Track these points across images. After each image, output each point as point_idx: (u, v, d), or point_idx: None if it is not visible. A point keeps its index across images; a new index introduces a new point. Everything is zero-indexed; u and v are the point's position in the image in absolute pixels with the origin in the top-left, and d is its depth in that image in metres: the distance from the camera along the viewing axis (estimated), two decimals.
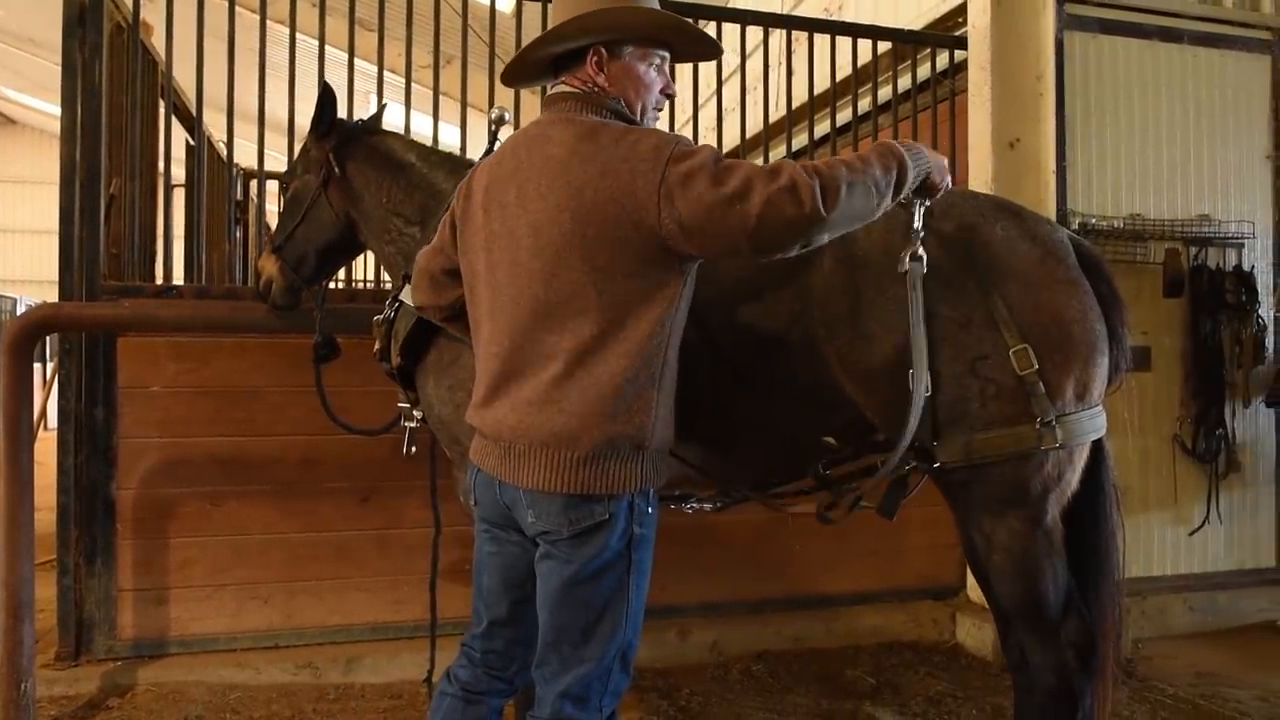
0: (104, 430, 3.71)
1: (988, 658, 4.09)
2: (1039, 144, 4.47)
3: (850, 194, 1.78)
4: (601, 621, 1.88)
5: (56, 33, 3.78)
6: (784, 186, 1.74)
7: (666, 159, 1.79)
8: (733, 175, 1.76)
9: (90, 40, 3.73)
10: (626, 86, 2.01)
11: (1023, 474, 2.18)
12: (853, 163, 1.81)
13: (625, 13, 1.97)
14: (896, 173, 1.86)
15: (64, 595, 3.68)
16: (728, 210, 1.74)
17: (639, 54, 2.01)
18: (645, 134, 1.87)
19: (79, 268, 3.68)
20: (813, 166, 1.78)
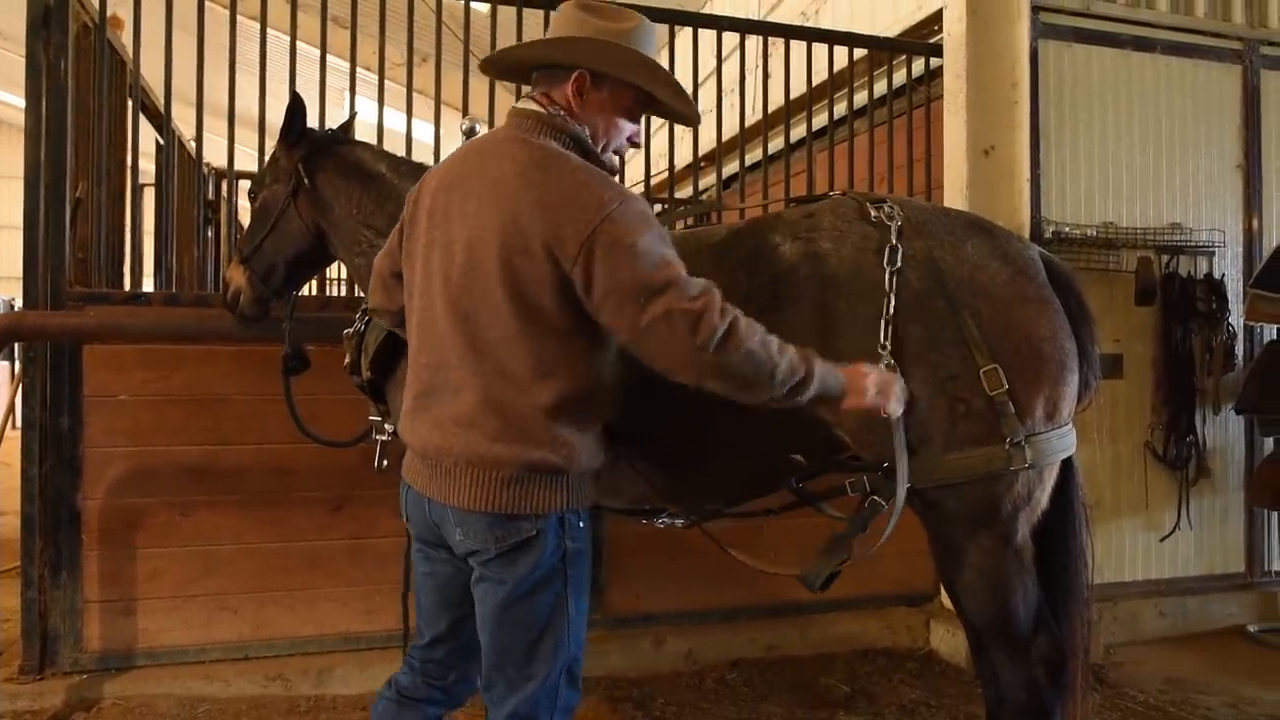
0: (69, 439, 3.65)
1: (961, 665, 4.11)
2: (1013, 152, 4.48)
3: (746, 358, 1.77)
4: (543, 639, 1.89)
5: (19, 24, 3.71)
6: (690, 310, 1.74)
7: (604, 216, 1.77)
8: (655, 271, 1.75)
9: (55, 41, 3.66)
10: (599, 120, 2.00)
11: (993, 493, 2.19)
12: (770, 341, 1.82)
13: (627, 54, 1.96)
14: (799, 378, 1.83)
15: (28, 607, 3.61)
16: (626, 302, 1.75)
17: (622, 94, 2.00)
18: (596, 180, 1.84)
19: (44, 273, 3.62)
20: (735, 315, 1.78)
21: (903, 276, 2.19)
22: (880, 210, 2.28)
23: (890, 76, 4.85)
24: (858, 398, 1.92)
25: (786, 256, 2.29)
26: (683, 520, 2.53)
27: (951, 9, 4.55)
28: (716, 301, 1.77)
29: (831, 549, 2.19)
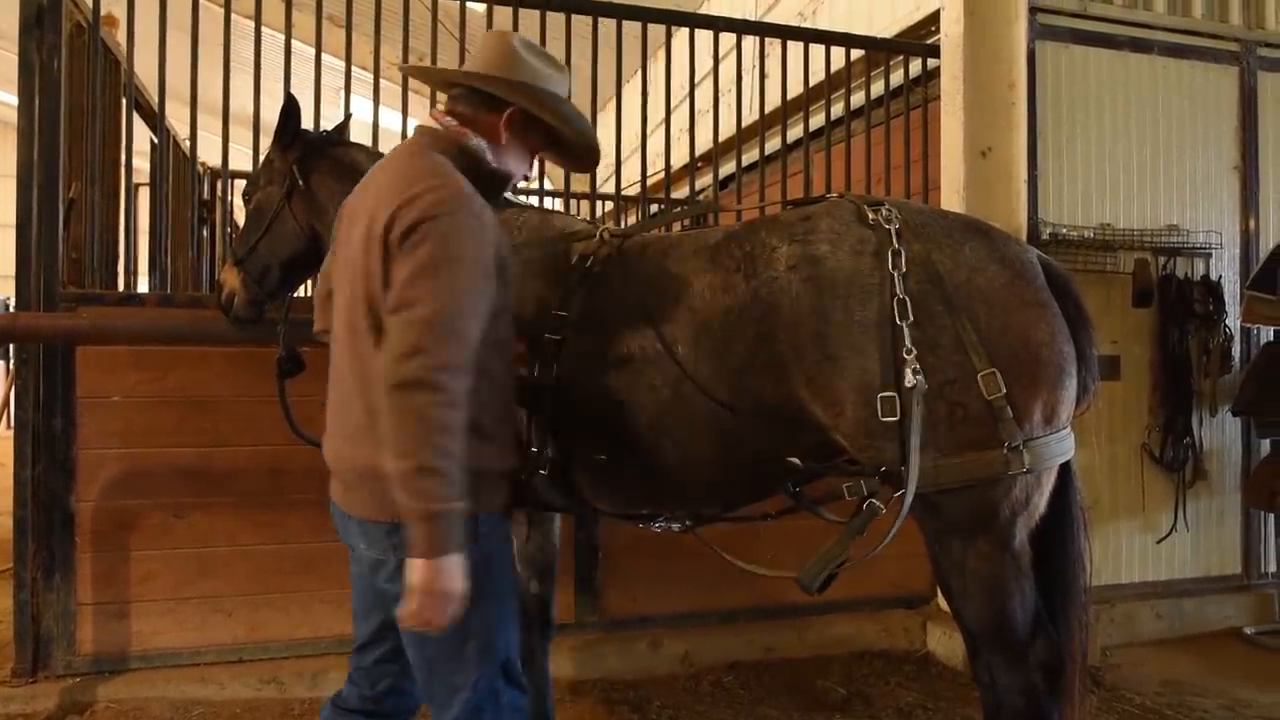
0: (62, 441, 3.63)
1: (958, 667, 4.10)
2: (1010, 153, 4.47)
3: (428, 421, 1.72)
4: (467, 645, 1.90)
5: (7, 20, 3.69)
6: (443, 332, 1.77)
7: (424, 214, 1.81)
8: (439, 294, 1.78)
9: (49, 40, 3.64)
10: (514, 154, 2.12)
11: (991, 498, 2.18)
12: (441, 443, 1.73)
13: (561, 104, 2.13)
14: (436, 480, 1.72)
15: (21, 610, 3.59)
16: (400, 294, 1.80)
17: (535, 138, 2.16)
18: (435, 175, 1.89)
19: (37, 274, 3.60)
20: (444, 392, 1.74)
21: (900, 280, 2.17)
22: (878, 213, 2.26)
23: (888, 77, 4.85)
24: (430, 572, 1.73)
25: (783, 259, 2.28)
26: (679, 525, 2.52)
27: (949, 10, 4.54)
28: (437, 366, 1.74)
29: (829, 552, 2.18)
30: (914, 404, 2.11)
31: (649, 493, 2.51)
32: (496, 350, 1.97)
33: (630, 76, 5.14)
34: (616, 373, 2.40)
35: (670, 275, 2.41)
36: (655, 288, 2.40)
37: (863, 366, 2.17)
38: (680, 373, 2.31)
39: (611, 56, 4.24)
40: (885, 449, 2.17)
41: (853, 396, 2.19)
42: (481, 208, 1.91)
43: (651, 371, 2.35)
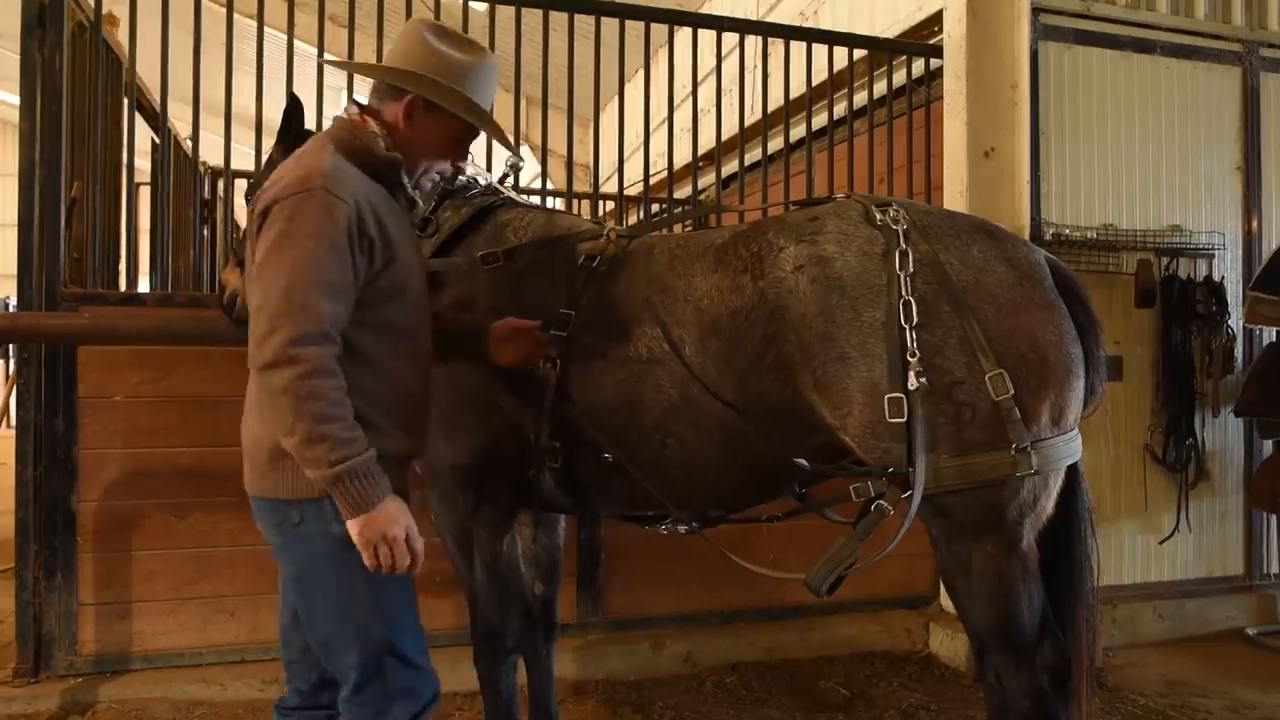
0: (64, 441, 3.62)
1: (960, 668, 4.10)
2: (1014, 154, 4.47)
3: (294, 395, 1.77)
4: (343, 626, 1.97)
5: (7, 20, 3.68)
6: (278, 311, 1.80)
7: (276, 196, 1.89)
8: (276, 276, 1.83)
9: (51, 40, 3.63)
10: (421, 142, 2.11)
11: (998, 500, 2.17)
12: (324, 413, 1.78)
13: (456, 96, 2.08)
14: (321, 454, 1.77)
15: (23, 610, 3.58)
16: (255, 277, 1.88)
17: (453, 124, 2.12)
18: (301, 162, 1.96)
19: (38, 274, 3.59)
20: (301, 364, 1.78)
21: (908, 280, 2.17)
22: (885, 213, 2.26)
23: (890, 77, 4.84)
24: (362, 527, 1.82)
25: (791, 259, 2.27)
26: (686, 526, 2.51)
27: (952, 10, 4.53)
28: (302, 341, 1.79)
29: (837, 554, 2.17)
30: (919, 405, 2.11)
31: (654, 494, 2.50)
32: (382, 335, 2.00)
33: (632, 76, 5.14)
34: (622, 373, 2.40)
35: (677, 275, 2.41)
36: (662, 288, 2.40)
37: (871, 367, 2.17)
38: (687, 373, 2.30)
39: (613, 56, 4.23)
40: (893, 450, 2.16)
41: (860, 398, 2.18)
42: (345, 189, 1.91)
43: (658, 372, 2.35)
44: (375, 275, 1.96)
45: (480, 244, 2.62)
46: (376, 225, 1.96)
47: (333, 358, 1.82)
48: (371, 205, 1.97)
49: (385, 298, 1.99)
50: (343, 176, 1.95)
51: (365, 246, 1.93)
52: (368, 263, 1.94)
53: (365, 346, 1.96)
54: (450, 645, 3.92)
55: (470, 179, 2.78)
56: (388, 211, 2.04)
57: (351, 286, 1.90)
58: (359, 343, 1.94)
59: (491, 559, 2.60)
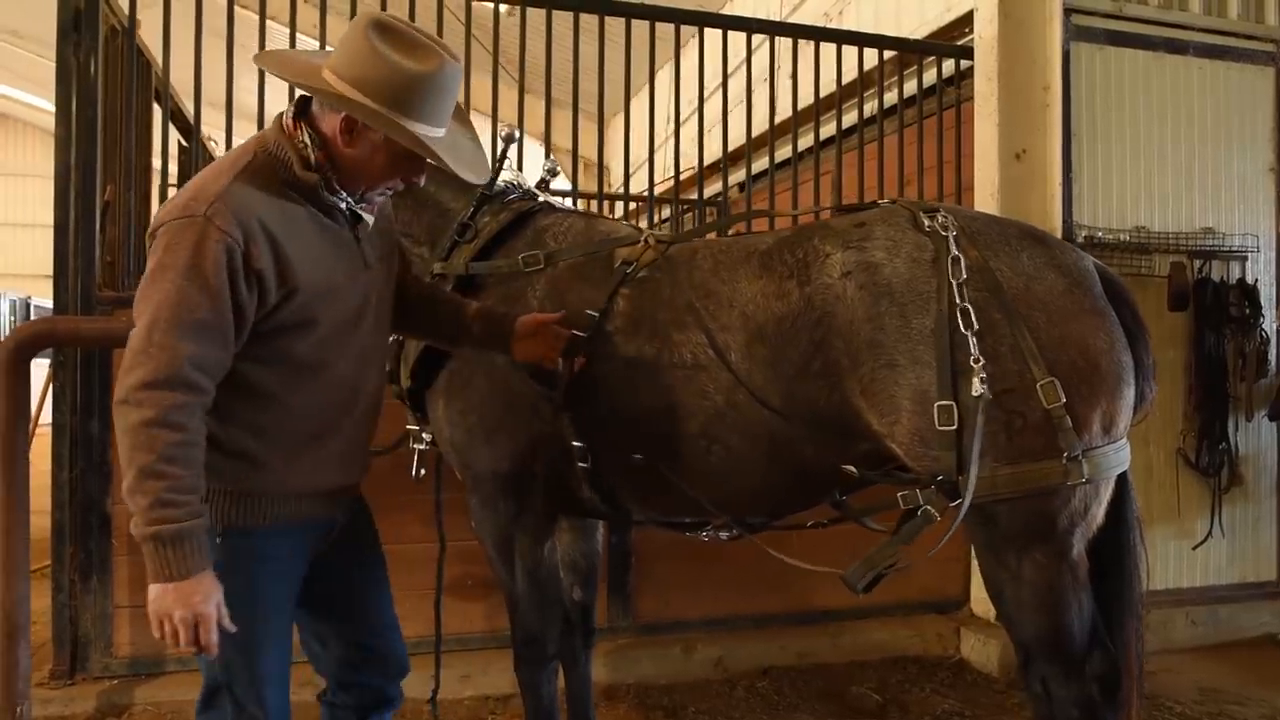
0: (99, 444, 3.63)
1: (993, 673, 4.07)
2: (1045, 155, 4.44)
3: (129, 441, 1.69)
4: (219, 661, 1.90)
5: (38, 24, 3.71)
6: (137, 350, 1.71)
7: (162, 219, 1.78)
8: (141, 310, 1.73)
9: (85, 44, 3.64)
10: (362, 159, 1.90)
11: (1049, 508, 2.15)
12: (151, 468, 1.67)
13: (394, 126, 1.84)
14: (145, 502, 1.68)
15: (59, 613, 3.60)
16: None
17: (393, 142, 1.87)
18: (194, 186, 1.82)
19: (74, 277, 3.60)
20: (143, 409, 1.67)
21: (959, 287, 2.15)
22: (934, 219, 2.24)
23: (920, 77, 4.82)
24: (155, 596, 1.70)
25: (838, 266, 2.26)
26: (727, 533, 2.51)
27: (982, 11, 4.51)
28: (157, 378, 1.68)
29: (877, 555, 2.16)
30: (978, 413, 2.09)
31: (695, 500, 2.49)
32: (282, 369, 1.89)
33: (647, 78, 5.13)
34: (664, 379, 2.39)
35: (721, 281, 2.40)
36: (705, 293, 2.39)
37: (920, 375, 2.15)
38: (733, 380, 2.29)
39: (637, 56, 4.22)
40: (942, 458, 2.14)
41: (909, 405, 2.17)
42: (231, 218, 1.75)
43: (702, 378, 2.34)
44: (272, 309, 1.83)
45: (519, 249, 2.61)
46: (272, 257, 1.80)
47: (187, 407, 1.69)
48: (269, 234, 1.80)
49: (284, 331, 1.87)
50: (235, 201, 1.78)
51: (253, 282, 1.78)
52: (257, 298, 1.80)
53: (261, 381, 1.87)
54: (482, 648, 3.96)
55: (508, 184, 2.77)
56: (299, 236, 1.86)
57: (228, 325, 1.75)
58: (254, 378, 1.86)
59: (533, 566, 2.60)
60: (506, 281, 2.57)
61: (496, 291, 2.58)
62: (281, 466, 1.93)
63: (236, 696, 1.95)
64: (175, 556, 1.67)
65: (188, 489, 1.69)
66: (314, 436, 1.98)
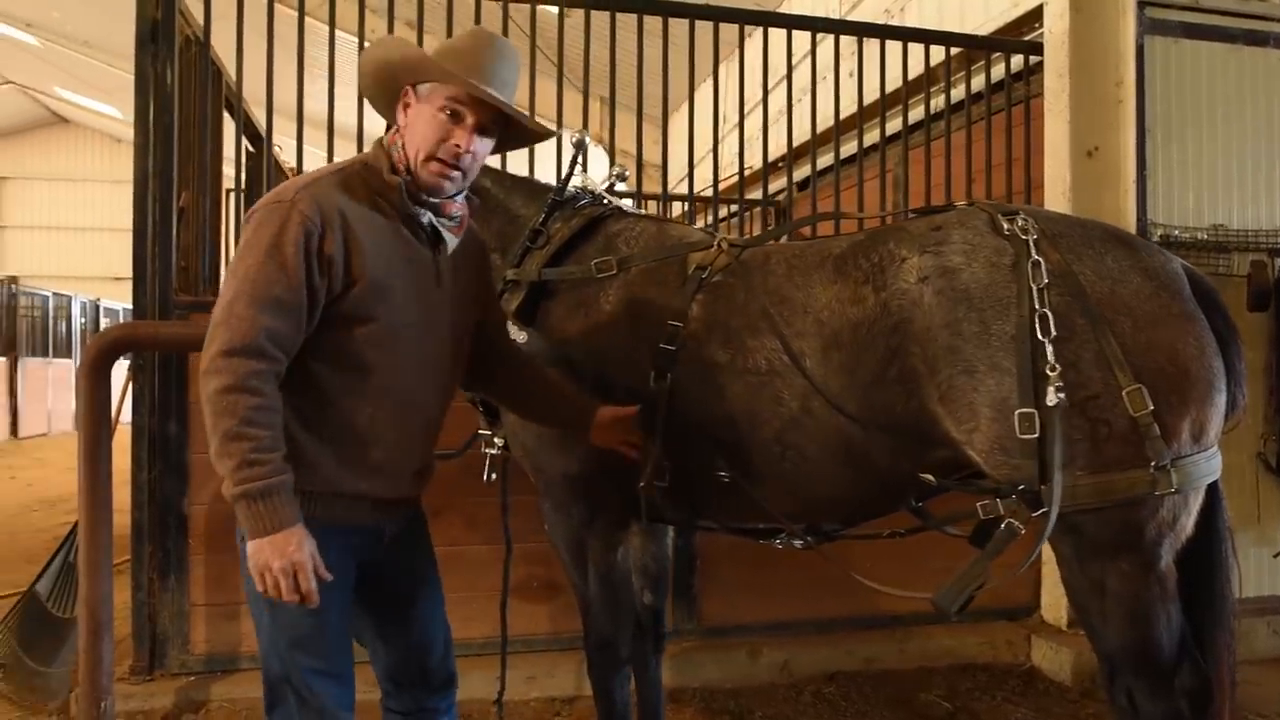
0: (176, 445, 3.72)
1: (1066, 682, 3.99)
2: (1118, 152, 4.34)
3: (212, 407, 1.78)
4: (260, 643, 2.07)
5: (110, 34, 3.81)
6: (219, 321, 1.82)
7: (255, 207, 1.94)
8: (227, 285, 1.86)
9: (162, 54, 3.73)
10: (417, 130, 2.00)
11: (1136, 518, 2.10)
12: (230, 421, 1.76)
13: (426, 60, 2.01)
14: (228, 469, 1.76)
15: (138, 610, 3.70)
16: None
17: (434, 94, 1.99)
18: (290, 181, 1.98)
19: (152, 283, 3.69)
20: (221, 375, 1.77)
21: (1040, 293, 2.11)
22: (1013, 222, 2.20)
23: (988, 73, 4.73)
24: (253, 551, 1.79)
25: (914, 271, 2.23)
26: (800, 541, 2.48)
27: (1053, 5, 4.42)
28: (232, 346, 1.78)
29: (968, 574, 2.13)
30: (1055, 423, 2.05)
31: (768, 507, 2.47)
32: (334, 366, 1.95)
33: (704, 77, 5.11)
34: (738, 385, 2.38)
35: (795, 286, 2.38)
36: (780, 299, 2.37)
37: (1000, 381, 2.11)
38: (809, 386, 2.27)
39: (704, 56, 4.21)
40: (1023, 467, 2.10)
41: (988, 412, 2.13)
42: (313, 205, 1.88)
43: (777, 384, 2.32)
44: (335, 298, 1.92)
45: (592, 254, 2.62)
46: (344, 247, 1.90)
47: (263, 374, 1.79)
48: (346, 226, 1.91)
49: (342, 322, 1.94)
50: (320, 193, 1.91)
51: (324, 267, 1.88)
52: (326, 283, 1.89)
53: (314, 375, 1.94)
54: (547, 650, 3.98)
55: (579, 189, 2.78)
56: (373, 235, 1.96)
57: (302, 304, 1.86)
58: (308, 371, 1.93)
59: (605, 569, 2.61)
60: (579, 287, 2.58)
61: (569, 297, 2.59)
62: (330, 466, 1.97)
63: (295, 687, 2.01)
64: (266, 510, 1.76)
65: (269, 448, 1.78)
66: (361, 441, 2.00)
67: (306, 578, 1.80)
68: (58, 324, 17.33)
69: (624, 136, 5.01)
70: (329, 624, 2.00)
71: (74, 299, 17.92)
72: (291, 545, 1.78)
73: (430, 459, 2.21)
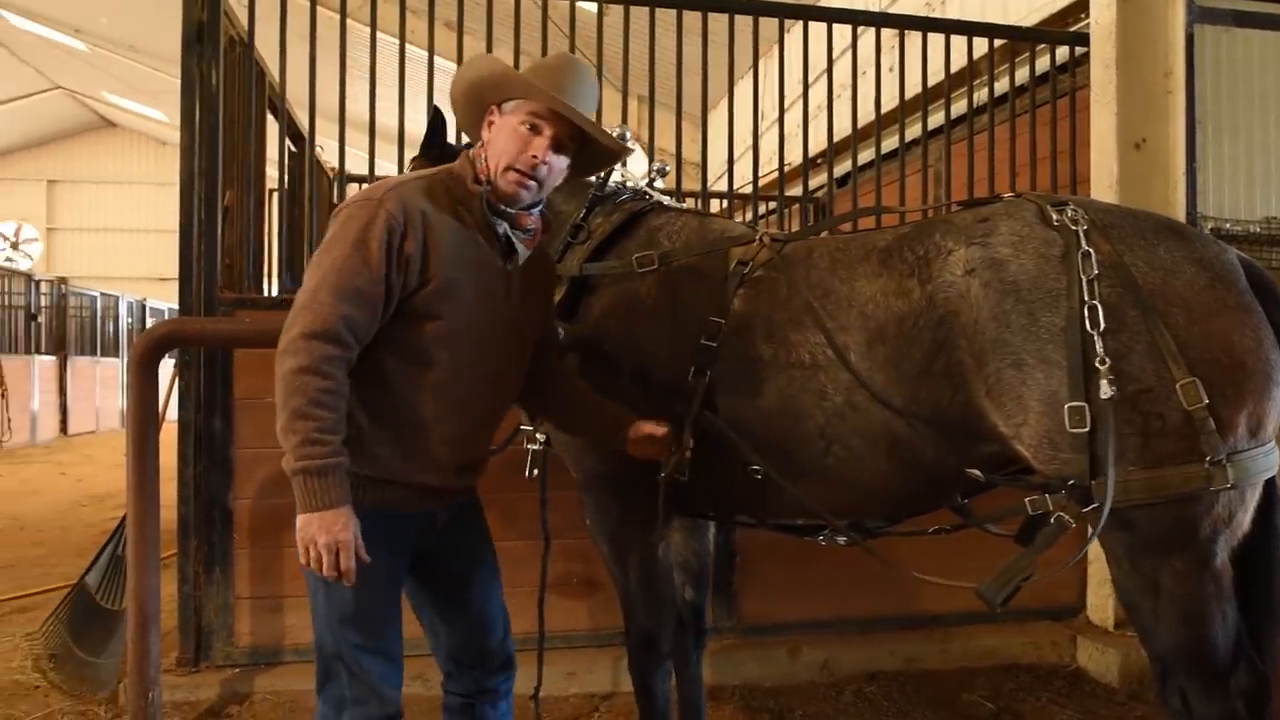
0: (221, 441, 3.77)
1: (1113, 684, 3.91)
2: (1167, 144, 4.25)
3: (285, 385, 1.88)
4: (314, 621, 2.10)
5: (156, 40, 3.87)
6: (302, 305, 1.93)
7: (344, 204, 2.07)
8: (312, 273, 1.97)
9: (208, 55, 3.78)
10: (498, 144, 2.11)
11: (1190, 515, 2.05)
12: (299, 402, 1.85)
13: (509, 74, 2.15)
14: (290, 446, 1.86)
15: (184, 603, 3.75)
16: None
17: (515, 110, 2.11)
18: (380, 182, 2.11)
19: (198, 281, 3.74)
20: (310, 356, 1.87)
21: (1090, 284, 2.06)
22: (1063, 213, 2.16)
23: (1033, 65, 4.66)
24: (301, 524, 1.88)
25: (961, 263, 2.20)
26: (844, 537, 2.46)
27: None
28: (311, 335, 1.88)
29: (1013, 567, 2.09)
30: (1108, 417, 2.01)
31: (810, 503, 2.45)
32: (400, 359, 2.04)
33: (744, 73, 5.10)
34: (781, 380, 2.36)
35: (839, 280, 2.35)
36: (824, 293, 2.35)
37: (1049, 375, 2.07)
38: (853, 380, 2.25)
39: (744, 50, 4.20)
40: (1072, 461, 2.06)
41: (1037, 406, 2.09)
42: (399, 204, 1.99)
43: (821, 378, 2.30)
44: (408, 295, 2.02)
45: (633, 249, 2.62)
46: (422, 248, 2.01)
47: (336, 360, 1.90)
48: (426, 227, 2.02)
49: (410, 318, 2.04)
50: (405, 195, 2.03)
51: (403, 264, 1.99)
52: (402, 279, 2.00)
53: (380, 366, 2.03)
54: (587, 646, 3.98)
55: (619, 184, 2.78)
56: (450, 240, 2.06)
57: (380, 297, 1.97)
58: (376, 361, 2.02)
59: (647, 564, 2.60)
60: (620, 282, 2.58)
61: (609, 292, 2.58)
62: (385, 454, 2.05)
63: (345, 663, 2.06)
64: (320, 488, 1.86)
65: (332, 430, 1.88)
66: (417, 432, 2.09)
67: (347, 556, 1.88)
68: (105, 324, 17.69)
69: (663, 135, 5.01)
70: (378, 603, 2.08)
71: (121, 299, 18.27)
72: (338, 524, 1.87)
73: (483, 454, 2.30)
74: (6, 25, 18.23)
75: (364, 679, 2.06)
